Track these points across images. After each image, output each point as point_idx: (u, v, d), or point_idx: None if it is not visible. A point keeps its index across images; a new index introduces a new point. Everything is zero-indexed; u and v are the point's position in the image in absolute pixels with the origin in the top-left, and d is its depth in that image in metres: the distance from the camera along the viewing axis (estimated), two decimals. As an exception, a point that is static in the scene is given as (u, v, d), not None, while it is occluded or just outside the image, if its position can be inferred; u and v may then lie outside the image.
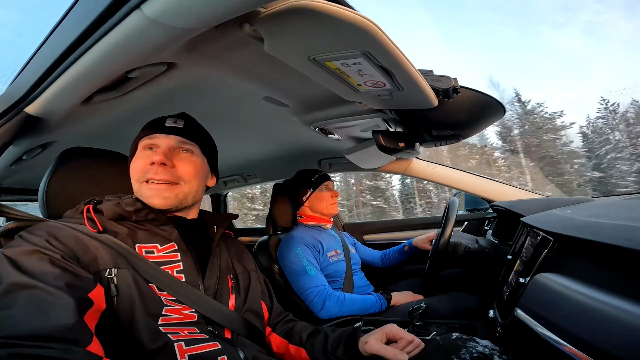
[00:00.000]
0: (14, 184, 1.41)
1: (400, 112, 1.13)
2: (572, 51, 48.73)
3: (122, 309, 0.59)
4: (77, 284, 0.54)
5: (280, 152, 1.73)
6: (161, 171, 0.72)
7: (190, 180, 0.76)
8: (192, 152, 0.78)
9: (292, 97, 1.03)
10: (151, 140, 0.75)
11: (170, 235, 0.73)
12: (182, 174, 0.74)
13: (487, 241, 1.33)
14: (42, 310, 0.48)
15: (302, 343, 0.84)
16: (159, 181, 0.72)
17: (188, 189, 0.75)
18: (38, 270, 0.52)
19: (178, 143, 0.76)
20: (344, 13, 0.53)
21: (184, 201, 0.75)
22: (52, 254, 0.55)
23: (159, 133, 0.75)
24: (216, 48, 0.70)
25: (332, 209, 1.56)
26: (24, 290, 0.49)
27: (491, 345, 0.71)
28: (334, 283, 1.43)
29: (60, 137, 0.92)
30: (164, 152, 0.74)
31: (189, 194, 0.76)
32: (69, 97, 0.69)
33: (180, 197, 0.74)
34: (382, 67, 0.70)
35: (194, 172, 0.76)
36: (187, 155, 0.77)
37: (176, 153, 0.76)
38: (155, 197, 0.72)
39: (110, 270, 0.61)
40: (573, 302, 0.50)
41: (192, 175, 0.76)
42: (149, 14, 0.47)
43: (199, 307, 0.67)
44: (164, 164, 0.72)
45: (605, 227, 0.56)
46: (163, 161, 0.72)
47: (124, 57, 0.58)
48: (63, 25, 0.61)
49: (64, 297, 0.50)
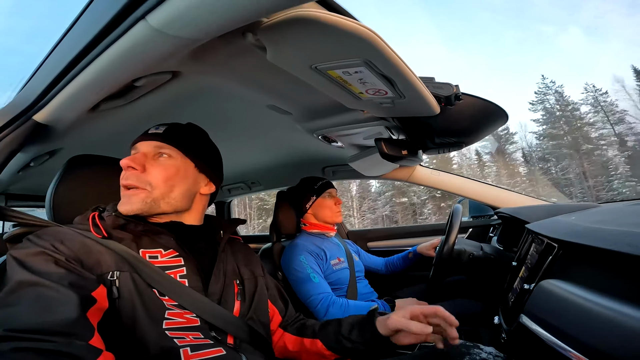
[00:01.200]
0: (21, 190, 1.43)
1: (402, 120, 1.14)
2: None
3: (124, 310, 0.60)
4: (80, 283, 0.56)
5: (284, 160, 1.74)
6: (129, 175, 0.71)
7: (159, 185, 0.73)
8: (170, 155, 0.76)
9: (295, 105, 1.04)
10: (134, 148, 0.77)
11: (169, 243, 0.73)
12: (150, 178, 0.72)
13: (492, 248, 1.32)
14: (46, 305, 0.50)
15: (316, 334, 0.83)
16: (129, 186, 0.71)
17: (157, 194, 0.72)
18: (43, 269, 0.54)
19: (154, 148, 0.75)
20: (345, 23, 0.54)
21: (154, 206, 0.72)
22: (57, 256, 0.57)
23: (140, 140, 0.76)
24: (220, 57, 0.71)
25: (336, 217, 1.55)
26: (29, 288, 0.51)
27: (495, 352, 0.70)
28: (338, 291, 1.43)
29: (68, 144, 0.94)
30: (135, 156, 0.73)
31: (160, 199, 0.73)
32: (76, 105, 0.71)
33: (149, 202, 0.71)
34: (383, 76, 0.71)
35: (165, 177, 0.73)
36: (163, 160, 0.75)
37: (154, 158, 0.75)
38: (123, 205, 0.71)
39: (113, 273, 0.62)
40: (578, 308, 0.50)
41: (160, 180, 0.73)
42: (153, 25, 0.48)
43: (202, 312, 0.67)
44: (133, 168, 0.71)
45: (610, 233, 0.56)
46: (129, 164, 0.71)
47: (130, 66, 0.59)
48: (70, 35, 0.63)
49: (68, 294, 0.52)
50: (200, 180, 0.81)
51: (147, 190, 0.72)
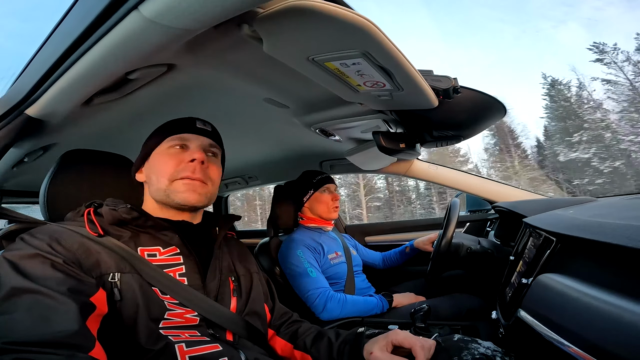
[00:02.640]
0: (15, 186, 1.41)
1: (400, 113, 1.13)
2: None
3: (126, 313, 0.58)
4: (79, 288, 0.53)
5: (281, 154, 1.73)
6: (200, 169, 0.73)
7: (216, 183, 0.78)
8: (217, 155, 0.81)
9: (292, 99, 1.03)
10: (182, 140, 0.76)
11: (172, 240, 0.72)
12: (212, 175, 0.76)
13: (490, 242, 1.32)
14: (44, 315, 0.48)
15: (307, 349, 0.82)
16: (195, 179, 0.73)
17: (213, 190, 0.77)
18: (40, 274, 0.52)
19: (209, 145, 0.78)
20: (342, 13, 0.53)
21: (208, 203, 0.77)
22: (54, 258, 0.55)
23: (190, 133, 0.76)
24: (216, 49, 0.70)
25: (331, 213, 1.54)
26: (25, 295, 0.48)
27: (493, 347, 0.70)
28: (336, 285, 1.43)
29: (62, 139, 0.92)
30: (202, 152, 0.75)
31: (213, 196, 0.78)
32: (69, 99, 0.69)
33: (209, 197, 0.76)
34: (381, 68, 0.70)
35: (219, 175, 0.79)
36: (214, 158, 0.80)
37: (207, 155, 0.77)
38: (190, 192, 0.72)
39: (114, 274, 0.60)
40: (576, 302, 0.49)
41: (218, 178, 0.79)
42: (146, 15, 0.47)
43: (201, 309, 0.66)
44: (203, 163, 0.73)
45: (608, 226, 0.56)
46: (204, 159, 0.73)
47: (123, 58, 0.58)
48: (62, 27, 0.62)
49: (67, 302, 0.50)
50: None
51: (208, 186, 0.75)
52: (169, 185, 0.73)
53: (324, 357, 0.79)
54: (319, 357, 0.79)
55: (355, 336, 0.77)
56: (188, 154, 0.74)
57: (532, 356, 0.65)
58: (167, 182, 0.73)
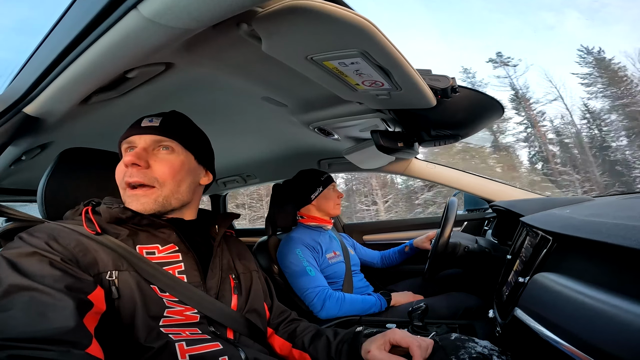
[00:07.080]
0: (13, 184, 1.41)
1: (398, 112, 1.13)
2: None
3: (124, 311, 0.58)
4: (76, 286, 0.53)
5: (279, 153, 1.73)
6: (134, 172, 0.69)
7: (167, 182, 0.71)
8: (172, 149, 0.74)
9: (290, 97, 1.03)
10: (128, 143, 0.73)
11: (169, 237, 0.72)
12: (157, 175, 0.70)
13: (487, 241, 1.33)
14: (41, 312, 0.48)
15: (306, 348, 0.82)
16: (134, 184, 0.69)
17: (168, 191, 0.71)
18: (37, 272, 0.52)
19: (154, 142, 0.72)
20: (341, 12, 0.53)
21: (166, 205, 0.71)
22: (52, 256, 0.55)
23: (135, 133, 0.73)
24: (214, 48, 0.70)
25: (337, 209, 1.58)
26: (22, 292, 0.49)
27: (490, 346, 0.71)
28: (334, 284, 1.43)
29: (59, 137, 0.92)
30: (137, 152, 0.70)
31: (170, 197, 0.72)
32: (67, 97, 0.69)
33: (161, 201, 0.71)
34: (379, 67, 0.70)
35: (171, 172, 0.72)
36: (166, 153, 0.73)
37: (154, 153, 0.73)
38: (133, 203, 0.69)
39: (111, 272, 0.60)
40: (572, 301, 0.50)
41: (168, 176, 0.71)
42: (145, 14, 0.47)
43: (201, 307, 0.67)
44: (136, 165, 0.69)
45: (605, 226, 0.56)
46: (134, 161, 0.68)
47: (122, 57, 0.58)
48: (61, 26, 0.62)
49: (64, 299, 0.50)
50: (199, 171, 0.81)
51: (156, 188, 0.70)
52: (122, 194, 0.72)
53: (322, 356, 0.79)
54: (317, 356, 0.80)
55: (353, 335, 0.78)
56: (126, 157, 0.69)
57: (528, 355, 0.65)
58: (121, 192, 0.72)
